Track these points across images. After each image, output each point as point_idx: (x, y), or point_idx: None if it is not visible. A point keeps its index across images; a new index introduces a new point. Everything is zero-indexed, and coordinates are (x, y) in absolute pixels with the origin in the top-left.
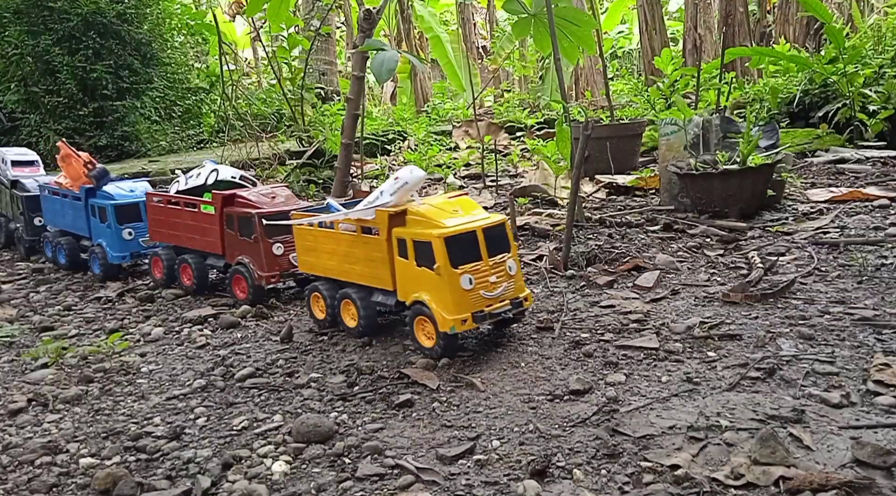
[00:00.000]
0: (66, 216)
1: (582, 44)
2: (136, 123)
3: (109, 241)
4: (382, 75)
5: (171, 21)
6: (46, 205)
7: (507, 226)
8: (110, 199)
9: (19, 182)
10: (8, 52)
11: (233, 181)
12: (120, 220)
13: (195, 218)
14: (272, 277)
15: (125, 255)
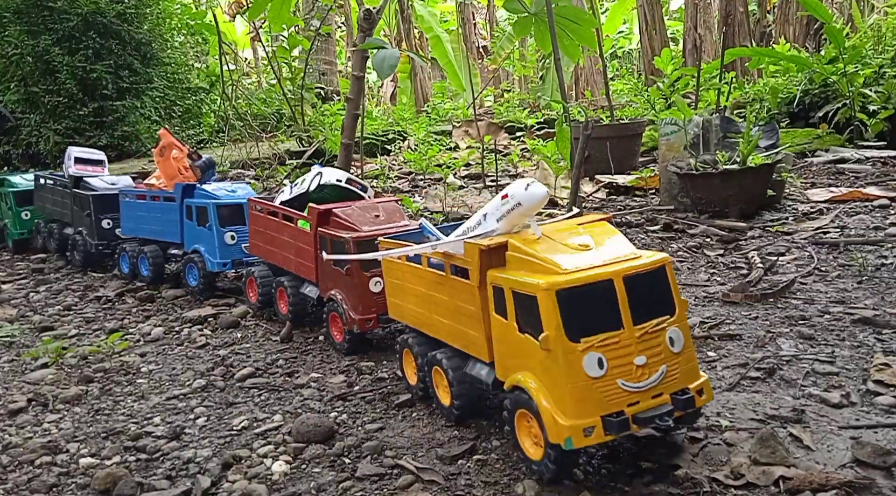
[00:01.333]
0: (152, 221)
1: (583, 42)
2: (137, 123)
3: (209, 245)
4: (384, 71)
5: (171, 21)
6: (127, 211)
7: (670, 270)
8: (212, 199)
9: (83, 180)
10: (8, 51)
11: (340, 187)
12: (222, 222)
13: (292, 235)
14: (367, 320)
15: (226, 262)
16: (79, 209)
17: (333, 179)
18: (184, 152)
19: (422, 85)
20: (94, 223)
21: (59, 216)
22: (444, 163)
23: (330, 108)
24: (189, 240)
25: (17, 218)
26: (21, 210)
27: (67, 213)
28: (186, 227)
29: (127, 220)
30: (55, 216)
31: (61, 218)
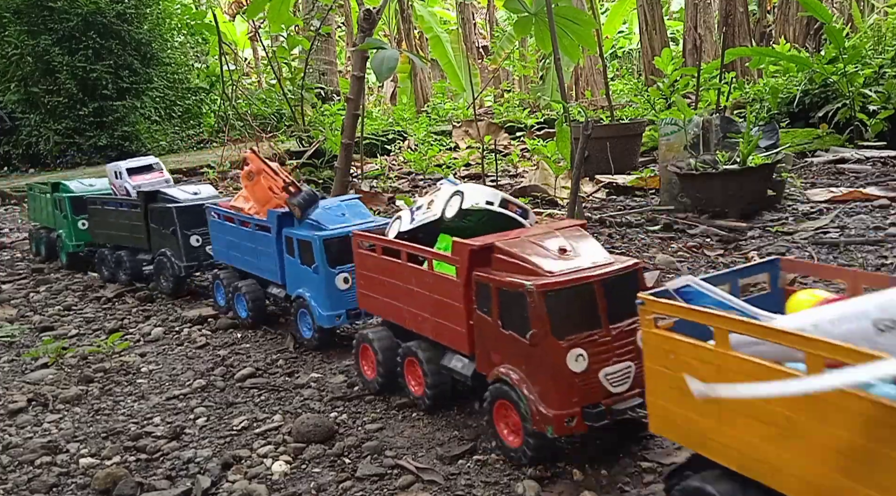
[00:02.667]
0: (245, 251)
1: (582, 42)
2: (136, 123)
3: (316, 292)
4: (382, 73)
5: (171, 21)
6: (217, 233)
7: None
8: (317, 229)
9: (160, 192)
10: (8, 52)
11: (491, 212)
12: (333, 260)
13: (425, 283)
14: (568, 419)
15: (340, 315)
16: (159, 227)
17: (482, 201)
18: (278, 182)
19: (422, 85)
20: (181, 241)
21: (131, 241)
22: (444, 163)
23: (330, 108)
24: (292, 281)
25: (73, 227)
26: (78, 219)
27: (141, 237)
28: (288, 264)
29: (217, 243)
30: (123, 242)
31: (133, 244)
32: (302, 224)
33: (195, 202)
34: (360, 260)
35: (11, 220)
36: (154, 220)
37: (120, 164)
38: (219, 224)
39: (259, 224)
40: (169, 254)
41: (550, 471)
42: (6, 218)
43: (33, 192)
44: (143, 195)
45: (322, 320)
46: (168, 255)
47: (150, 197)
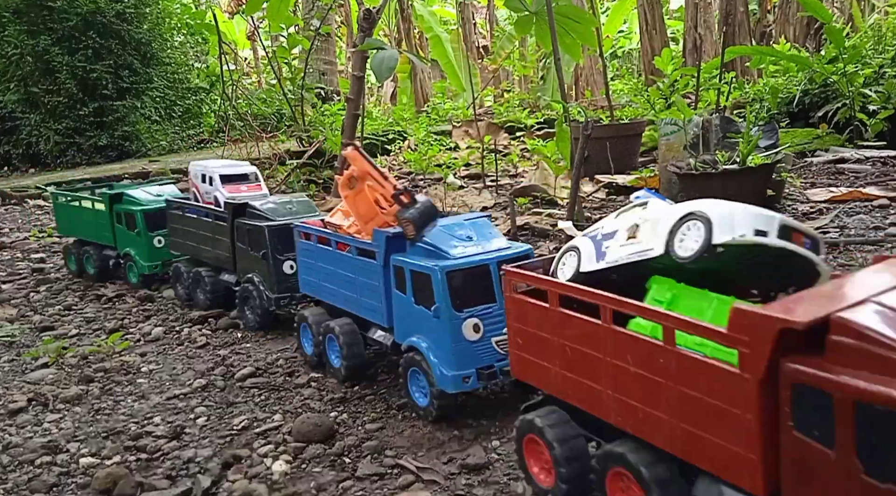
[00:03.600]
0: (341, 282)
1: (583, 41)
2: (137, 123)
3: (435, 343)
4: (382, 73)
5: (171, 20)
6: (307, 258)
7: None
8: (438, 258)
9: (250, 207)
10: (7, 51)
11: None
12: (457, 299)
13: (653, 361)
14: None
15: (468, 376)
16: (247, 248)
17: (748, 231)
18: (387, 188)
19: (422, 85)
20: (272, 267)
21: (213, 259)
22: (444, 163)
23: (330, 108)
24: (402, 325)
25: (147, 245)
26: (153, 235)
27: (225, 255)
28: (397, 303)
29: (307, 271)
30: (204, 258)
31: (216, 262)
32: (416, 248)
33: (291, 222)
34: (516, 309)
35: (11, 220)
36: (242, 238)
37: (211, 165)
38: (309, 248)
39: (360, 247)
40: (256, 282)
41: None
42: (6, 218)
43: (63, 202)
44: (230, 208)
45: (444, 383)
46: (256, 283)
47: (238, 210)
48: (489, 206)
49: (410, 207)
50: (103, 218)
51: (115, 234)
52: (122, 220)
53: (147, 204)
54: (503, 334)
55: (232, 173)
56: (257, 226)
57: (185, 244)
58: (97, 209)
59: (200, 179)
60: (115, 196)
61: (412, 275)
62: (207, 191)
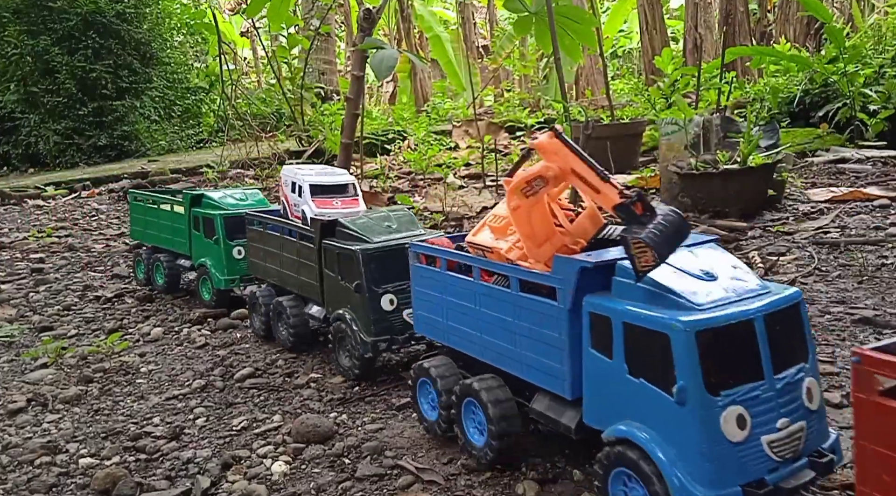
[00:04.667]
0: (486, 328)
1: (583, 41)
2: (136, 123)
3: (679, 441)
4: (382, 72)
5: (171, 20)
6: (428, 290)
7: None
8: (677, 307)
9: (339, 224)
10: (7, 51)
11: None
12: (712, 376)
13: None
14: None
15: None
16: (336, 276)
17: None
18: (607, 193)
19: (422, 84)
20: (367, 303)
21: (297, 286)
22: (444, 162)
23: (329, 108)
24: (603, 405)
25: (225, 256)
26: (234, 245)
27: (312, 284)
28: (594, 368)
29: (427, 307)
30: (287, 285)
31: (301, 290)
32: (630, 288)
33: (394, 244)
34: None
35: (11, 220)
36: (331, 264)
37: (301, 173)
38: (432, 276)
39: (529, 281)
40: (349, 319)
41: (551, 472)
42: (5, 218)
43: (142, 203)
44: (317, 226)
45: None
46: (348, 321)
47: (327, 229)
48: (489, 206)
49: (647, 223)
50: (180, 222)
51: (191, 241)
52: (200, 225)
53: (228, 208)
54: (778, 429)
55: (324, 183)
56: (348, 249)
57: (266, 267)
58: (175, 211)
59: (290, 189)
60: (196, 197)
61: (628, 331)
62: (296, 203)
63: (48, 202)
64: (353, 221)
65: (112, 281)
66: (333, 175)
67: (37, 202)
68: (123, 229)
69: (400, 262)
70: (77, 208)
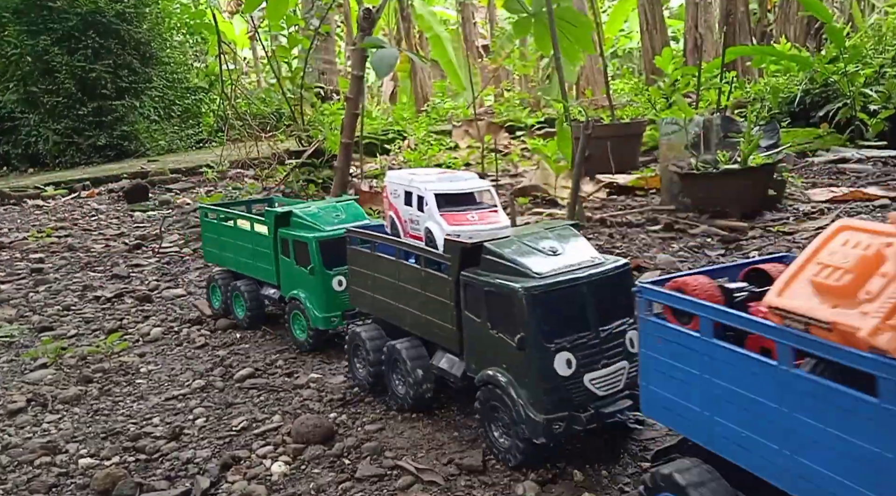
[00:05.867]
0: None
1: (580, 45)
2: (136, 123)
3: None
4: (382, 70)
5: (171, 20)
6: (697, 366)
7: None
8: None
9: (487, 249)
10: (7, 51)
11: None
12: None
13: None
14: None
15: None
16: (482, 323)
17: None
18: None
19: (421, 84)
20: (536, 365)
21: (423, 329)
22: (444, 162)
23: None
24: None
25: (323, 288)
26: (333, 274)
27: (446, 328)
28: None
29: (673, 383)
30: (409, 326)
31: (427, 334)
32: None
33: (571, 280)
34: None
35: (10, 221)
36: (474, 306)
37: (419, 179)
38: (686, 343)
39: None
40: (505, 384)
41: (551, 472)
42: (5, 218)
43: (214, 221)
44: (457, 251)
45: None
46: (505, 388)
47: (469, 255)
48: None
49: None
50: (264, 244)
51: (278, 267)
52: (290, 249)
53: (324, 227)
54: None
55: (454, 191)
56: (505, 287)
57: (374, 299)
58: (257, 232)
59: (403, 200)
60: (283, 216)
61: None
62: (413, 217)
63: (48, 202)
64: (505, 244)
65: (112, 281)
66: (462, 180)
67: (36, 202)
68: (123, 229)
69: (578, 306)
70: (77, 208)
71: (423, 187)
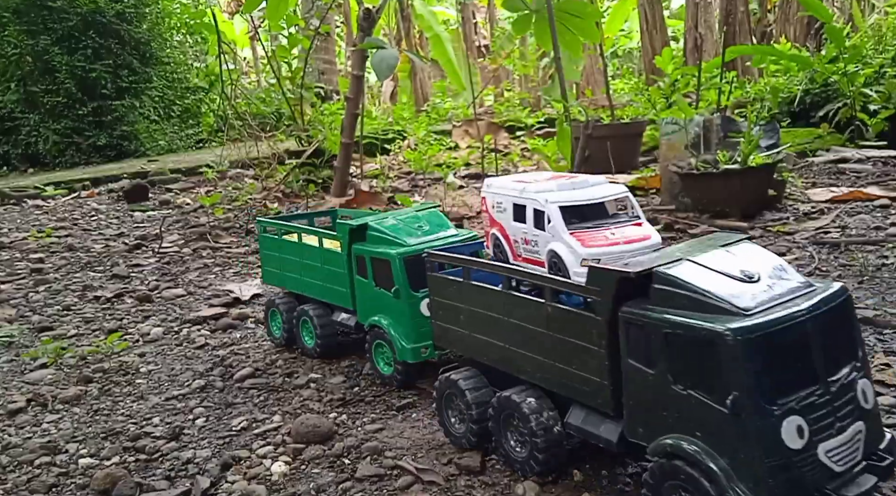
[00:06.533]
0: None
1: (585, 36)
2: (135, 123)
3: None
4: (382, 72)
5: (170, 20)
6: None
7: None
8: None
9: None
10: (7, 51)
11: None
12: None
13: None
14: None
15: None
16: (654, 375)
17: None
18: None
19: (421, 84)
20: (755, 436)
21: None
22: (443, 162)
23: (329, 108)
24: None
25: (410, 314)
26: (422, 296)
27: (591, 383)
28: None
29: None
30: (525, 373)
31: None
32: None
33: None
34: None
35: (10, 220)
36: (642, 355)
37: (534, 188)
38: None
39: None
40: (698, 456)
41: (551, 473)
42: (5, 218)
43: (275, 237)
44: (610, 282)
45: None
46: (698, 459)
47: (625, 288)
48: None
49: None
50: (336, 262)
51: (353, 289)
52: (367, 269)
53: (407, 241)
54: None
55: (583, 202)
56: (702, 330)
57: (472, 339)
58: (327, 249)
59: (511, 214)
60: (358, 229)
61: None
62: (528, 237)
63: (48, 202)
64: (684, 269)
65: (112, 281)
66: (588, 186)
67: (36, 202)
68: (123, 229)
69: (803, 351)
70: (77, 208)
71: (542, 199)
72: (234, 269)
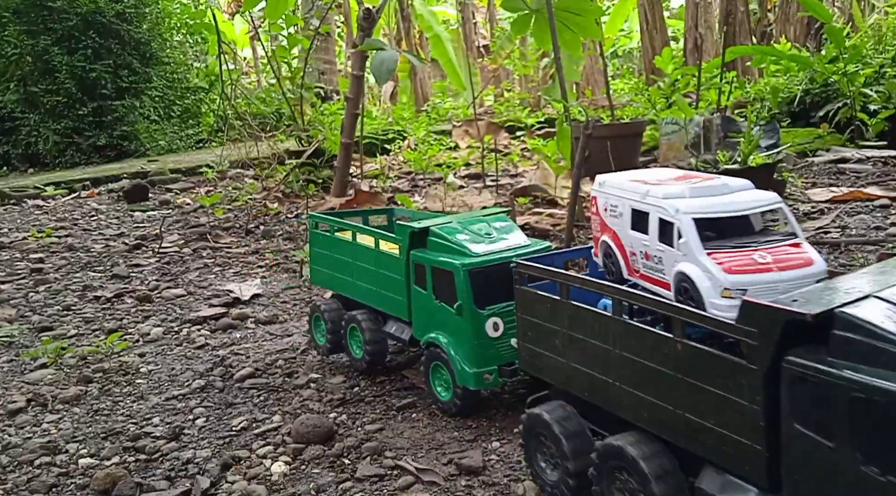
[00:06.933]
0: None
1: (586, 33)
2: (136, 123)
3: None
4: (382, 75)
5: (171, 20)
6: None
7: None
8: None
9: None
10: (7, 51)
11: None
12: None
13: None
14: None
15: None
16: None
17: None
18: None
19: (421, 84)
20: None
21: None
22: (444, 162)
23: (329, 108)
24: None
25: (474, 333)
26: (487, 314)
27: (740, 447)
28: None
29: None
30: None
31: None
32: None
33: None
34: None
35: (10, 220)
36: (811, 419)
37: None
38: None
39: None
40: None
41: None
42: (5, 218)
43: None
44: (775, 325)
45: None
46: None
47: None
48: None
49: None
50: (393, 268)
51: (410, 300)
52: (427, 279)
53: (473, 252)
54: None
55: (724, 214)
56: None
57: (569, 368)
58: (384, 252)
59: (629, 221)
60: (420, 233)
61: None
62: (650, 250)
63: (48, 202)
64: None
65: (112, 281)
66: (728, 191)
67: (36, 202)
68: (123, 229)
69: None
70: (77, 208)
71: (671, 207)
72: (235, 269)
